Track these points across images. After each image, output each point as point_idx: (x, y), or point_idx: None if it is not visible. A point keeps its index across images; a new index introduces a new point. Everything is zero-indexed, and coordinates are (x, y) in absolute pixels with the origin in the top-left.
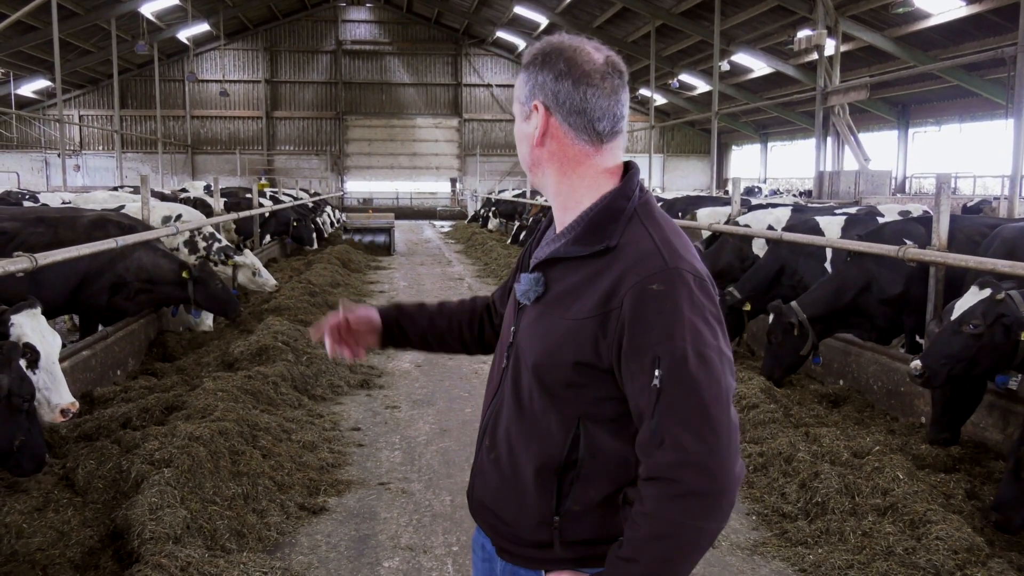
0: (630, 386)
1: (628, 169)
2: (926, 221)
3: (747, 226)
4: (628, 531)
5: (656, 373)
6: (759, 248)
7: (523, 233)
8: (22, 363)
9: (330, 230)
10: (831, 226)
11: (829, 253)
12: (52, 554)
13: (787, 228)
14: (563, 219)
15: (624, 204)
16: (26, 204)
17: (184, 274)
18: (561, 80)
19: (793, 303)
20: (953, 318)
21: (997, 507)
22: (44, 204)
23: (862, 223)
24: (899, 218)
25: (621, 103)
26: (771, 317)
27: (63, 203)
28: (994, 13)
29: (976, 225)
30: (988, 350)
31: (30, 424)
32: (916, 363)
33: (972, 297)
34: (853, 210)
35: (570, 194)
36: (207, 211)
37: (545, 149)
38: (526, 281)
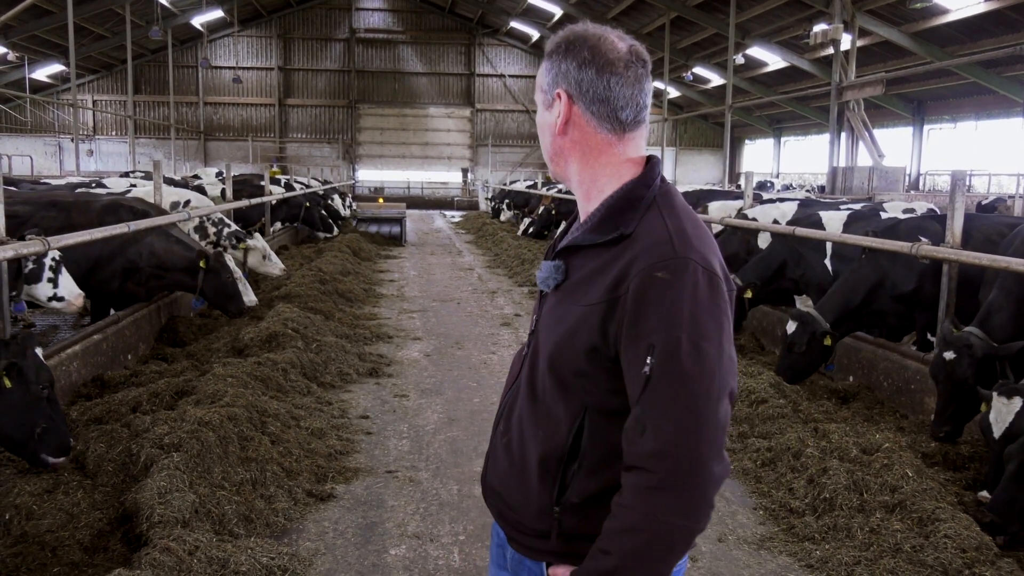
0: (627, 373)
1: (649, 161)
2: (944, 219)
3: (754, 219)
4: (607, 522)
5: (648, 360)
6: (763, 242)
7: (531, 225)
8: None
9: (345, 214)
10: (832, 221)
11: (829, 247)
12: (61, 536)
13: (791, 222)
14: (586, 208)
15: (643, 192)
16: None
17: (201, 263)
18: (584, 68)
19: (813, 311)
20: (997, 436)
21: (994, 508)
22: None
23: (865, 219)
24: (902, 215)
25: (644, 92)
26: (794, 326)
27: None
28: (1012, 9)
29: (995, 224)
30: None
31: (52, 411)
32: (983, 495)
33: (1004, 409)
34: (857, 206)
35: (592, 183)
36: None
37: (567, 138)
38: (546, 268)
